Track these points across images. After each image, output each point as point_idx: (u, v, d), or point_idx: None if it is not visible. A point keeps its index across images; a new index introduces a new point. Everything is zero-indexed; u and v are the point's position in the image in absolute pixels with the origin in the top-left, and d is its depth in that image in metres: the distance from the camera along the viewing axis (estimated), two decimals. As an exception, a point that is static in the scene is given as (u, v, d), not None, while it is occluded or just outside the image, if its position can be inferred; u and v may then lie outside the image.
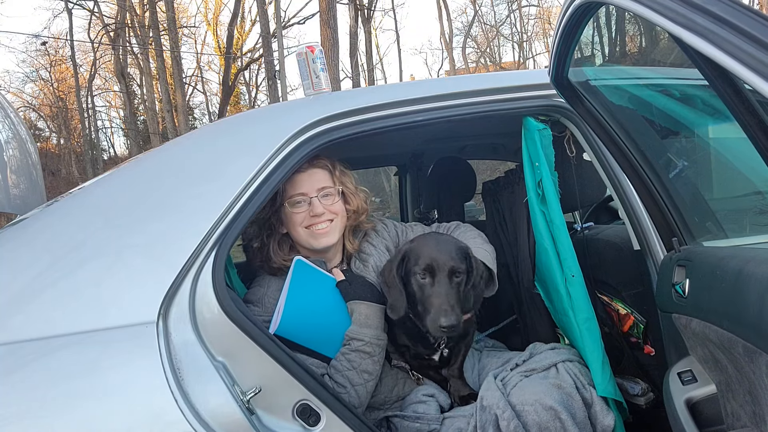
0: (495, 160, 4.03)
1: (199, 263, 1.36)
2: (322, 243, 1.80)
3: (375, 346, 1.69)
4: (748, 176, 1.60)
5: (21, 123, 2.27)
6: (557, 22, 1.36)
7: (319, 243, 1.80)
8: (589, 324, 1.77)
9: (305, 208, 1.79)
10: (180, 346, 1.29)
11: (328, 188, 1.82)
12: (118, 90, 28.34)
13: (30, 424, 1.17)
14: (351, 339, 1.68)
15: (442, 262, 1.69)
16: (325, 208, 1.79)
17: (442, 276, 1.68)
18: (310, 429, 1.39)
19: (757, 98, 0.98)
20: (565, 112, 1.76)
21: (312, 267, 1.74)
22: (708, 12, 0.84)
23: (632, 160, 1.52)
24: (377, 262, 1.91)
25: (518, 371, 1.73)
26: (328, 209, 1.80)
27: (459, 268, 1.70)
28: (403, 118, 1.65)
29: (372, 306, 1.73)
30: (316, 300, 1.72)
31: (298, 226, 1.79)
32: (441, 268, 1.68)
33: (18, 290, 1.31)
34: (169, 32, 21.47)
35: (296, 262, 1.71)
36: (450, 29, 29.05)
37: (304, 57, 1.76)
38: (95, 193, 1.56)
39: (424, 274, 1.69)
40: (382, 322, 1.74)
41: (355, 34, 20.46)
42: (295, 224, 1.80)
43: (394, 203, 10.22)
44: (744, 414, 1.21)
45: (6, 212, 2.17)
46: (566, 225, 1.84)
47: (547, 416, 1.54)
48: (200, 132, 1.84)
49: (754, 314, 1.04)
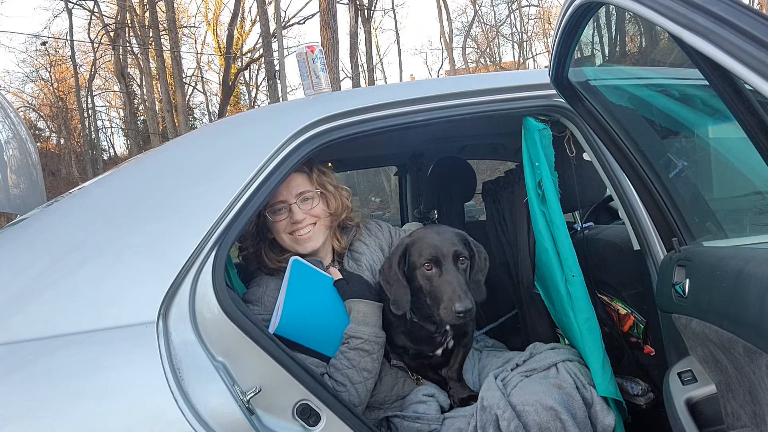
0: (495, 160, 4.03)
1: (199, 263, 1.36)
2: (307, 248, 1.82)
3: (374, 344, 1.69)
4: (748, 176, 1.60)
5: (21, 123, 2.27)
6: (557, 22, 1.36)
7: (304, 248, 1.82)
8: (590, 324, 1.77)
9: (285, 215, 1.80)
10: (180, 346, 1.29)
11: (306, 192, 1.82)
12: (118, 90, 28.36)
13: (30, 424, 1.17)
14: (350, 337, 1.68)
15: (445, 251, 1.68)
16: (305, 213, 1.80)
17: (448, 264, 1.67)
18: (310, 429, 1.39)
19: (757, 98, 0.98)
20: (565, 112, 1.76)
21: (309, 266, 1.74)
22: (708, 12, 0.84)
23: (632, 160, 1.52)
24: (370, 260, 1.92)
25: (519, 371, 1.73)
26: (308, 213, 1.81)
27: (463, 253, 1.70)
28: (403, 118, 1.65)
29: (370, 304, 1.74)
30: (314, 299, 1.72)
31: (282, 233, 1.81)
32: (445, 257, 1.67)
33: (18, 290, 1.31)
34: (169, 32, 21.47)
35: (293, 262, 1.72)
36: (450, 29, 29.08)
37: (304, 57, 1.76)
38: (95, 193, 1.56)
39: (429, 266, 1.68)
40: (380, 320, 1.74)
41: (355, 34, 20.47)
42: (278, 231, 1.82)
43: (394, 203, 10.22)
44: (744, 414, 1.21)
45: (6, 212, 2.17)
46: (566, 225, 1.84)
47: (548, 416, 1.54)
48: (200, 132, 1.84)
49: (754, 314, 1.04)
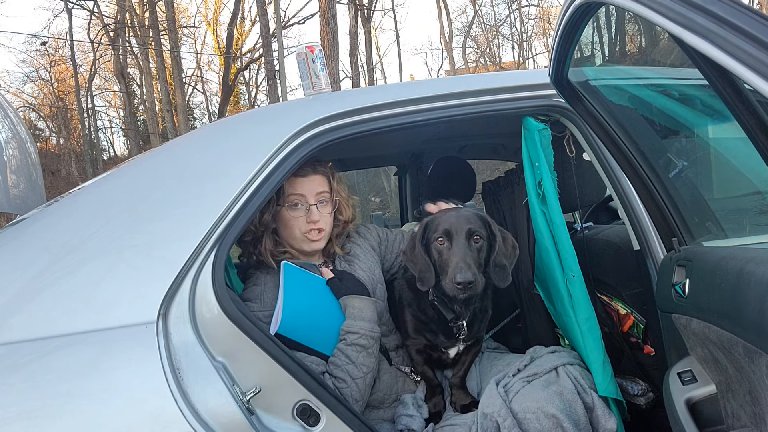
0: (495, 160, 4.03)
1: (199, 263, 1.36)
2: (313, 247, 1.85)
3: (369, 339, 1.70)
4: (748, 176, 1.60)
5: (21, 123, 2.27)
6: (557, 22, 1.36)
7: (311, 247, 1.85)
8: (590, 324, 1.77)
9: (303, 213, 1.82)
10: (180, 346, 1.29)
11: (324, 193, 1.85)
12: (117, 90, 28.35)
13: (30, 424, 1.17)
14: (347, 333, 1.69)
15: (459, 226, 1.71)
16: (320, 215, 1.82)
17: (460, 238, 1.70)
18: (310, 429, 1.39)
19: (757, 98, 0.97)
20: (565, 112, 1.76)
21: (300, 270, 1.77)
22: (708, 12, 0.84)
23: (632, 160, 1.52)
24: (364, 260, 1.95)
25: (520, 377, 1.73)
26: (324, 215, 1.84)
27: (477, 231, 1.72)
28: (403, 118, 1.65)
29: (364, 299, 1.76)
30: (310, 300, 1.74)
31: (296, 228, 1.82)
32: (458, 231, 1.71)
33: (18, 290, 1.31)
34: (168, 32, 21.46)
35: (285, 266, 1.74)
36: (450, 29, 29.05)
37: (303, 57, 1.76)
38: (95, 193, 1.56)
39: (442, 240, 1.73)
40: (375, 315, 1.76)
41: (355, 34, 20.47)
42: (293, 227, 1.82)
43: (394, 203, 10.22)
44: (744, 414, 1.20)
45: (6, 212, 2.17)
46: (566, 225, 1.84)
47: (550, 424, 1.54)
48: (200, 132, 1.84)
49: (755, 314, 1.04)
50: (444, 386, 1.95)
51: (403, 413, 1.79)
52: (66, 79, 28.33)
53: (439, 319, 1.84)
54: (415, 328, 1.89)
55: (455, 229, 1.71)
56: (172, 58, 21.38)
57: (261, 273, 1.83)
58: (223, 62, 24.44)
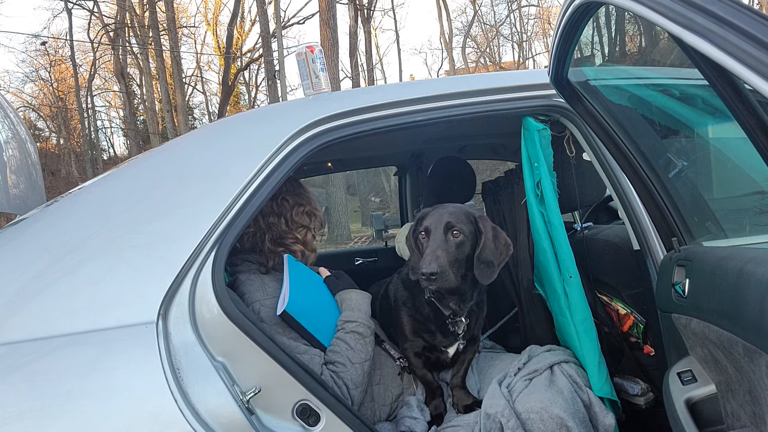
0: (495, 160, 4.03)
1: (199, 263, 1.36)
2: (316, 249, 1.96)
3: (366, 327, 1.74)
4: (748, 176, 1.60)
5: (21, 123, 2.27)
6: (557, 22, 1.36)
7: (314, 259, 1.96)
8: (586, 325, 1.78)
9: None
10: (180, 346, 1.29)
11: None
12: (117, 90, 28.33)
13: (30, 424, 1.17)
14: (345, 322, 1.74)
15: (438, 221, 1.75)
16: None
17: (437, 232, 1.74)
18: (310, 429, 1.39)
19: (757, 98, 0.98)
20: (565, 112, 1.76)
21: (301, 263, 1.84)
22: (708, 12, 0.84)
23: (632, 160, 1.52)
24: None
25: (521, 375, 1.73)
26: None
27: (456, 226, 1.74)
28: (403, 118, 1.66)
29: (360, 293, 1.82)
30: (312, 288, 1.81)
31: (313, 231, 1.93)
32: (437, 226, 1.75)
33: (18, 290, 1.31)
34: (168, 32, 21.45)
35: (288, 257, 1.80)
36: (450, 29, 29.05)
37: (303, 57, 1.76)
38: (95, 193, 1.56)
39: (423, 234, 1.78)
40: (369, 309, 1.81)
41: (354, 34, 20.47)
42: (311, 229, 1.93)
43: (393, 203, 10.21)
44: (744, 414, 1.20)
45: (6, 212, 2.17)
46: (565, 225, 1.84)
47: (554, 425, 1.55)
48: (200, 132, 1.84)
49: (754, 314, 1.04)
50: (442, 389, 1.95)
51: (407, 415, 1.79)
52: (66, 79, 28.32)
53: (436, 318, 1.84)
54: (413, 330, 1.88)
55: (434, 224, 1.75)
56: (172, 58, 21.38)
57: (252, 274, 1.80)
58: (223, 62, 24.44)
